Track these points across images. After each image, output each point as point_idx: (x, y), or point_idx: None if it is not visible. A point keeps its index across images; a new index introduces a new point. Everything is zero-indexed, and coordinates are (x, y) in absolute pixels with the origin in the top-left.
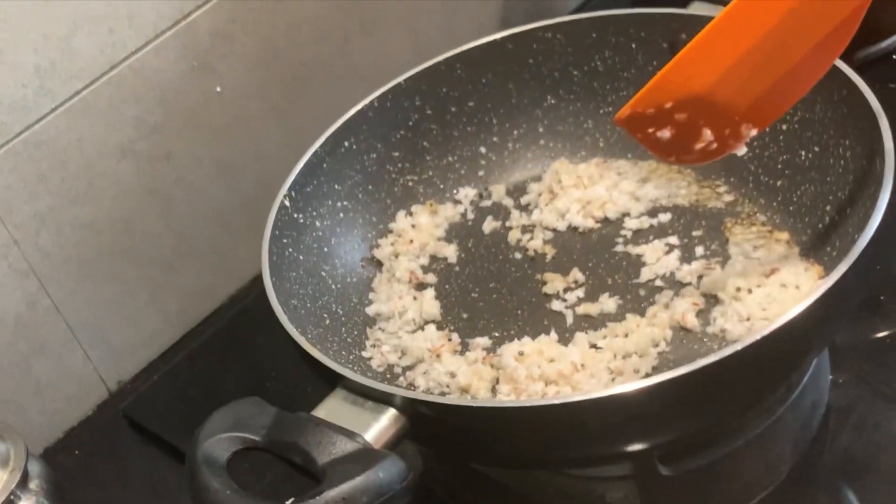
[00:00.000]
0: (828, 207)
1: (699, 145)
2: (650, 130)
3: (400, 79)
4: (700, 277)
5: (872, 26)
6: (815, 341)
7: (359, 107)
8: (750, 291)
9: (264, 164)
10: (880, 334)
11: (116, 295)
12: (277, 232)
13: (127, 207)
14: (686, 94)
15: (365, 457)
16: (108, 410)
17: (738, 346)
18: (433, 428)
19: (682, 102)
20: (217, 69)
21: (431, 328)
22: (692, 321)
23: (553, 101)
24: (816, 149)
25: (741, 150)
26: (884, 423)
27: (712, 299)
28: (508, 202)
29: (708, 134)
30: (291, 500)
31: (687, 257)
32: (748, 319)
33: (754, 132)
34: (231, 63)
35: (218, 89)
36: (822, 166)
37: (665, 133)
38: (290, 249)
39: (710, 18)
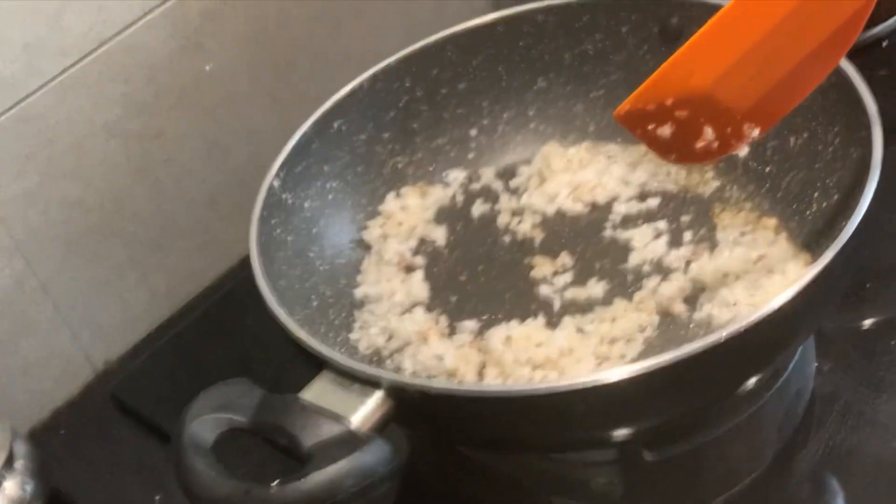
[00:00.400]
0: (816, 194)
1: (700, 144)
2: (650, 127)
3: (390, 60)
4: (688, 263)
5: None
6: (802, 328)
7: (349, 88)
8: (737, 277)
9: (254, 145)
10: (866, 322)
11: (104, 274)
12: (266, 213)
13: (115, 186)
14: (687, 90)
15: (350, 440)
16: (95, 391)
17: (724, 333)
18: (419, 412)
19: (682, 99)
20: (207, 48)
21: (419, 311)
22: (679, 307)
23: (543, 85)
24: (805, 135)
25: (743, 151)
26: (868, 411)
27: (700, 285)
28: (498, 185)
29: (709, 132)
30: (276, 482)
31: (675, 242)
32: (735, 305)
33: (757, 132)
34: (221, 42)
35: (207, 68)
36: (811, 153)
37: (665, 130)
38: (279, 230)
39: (700, 3)
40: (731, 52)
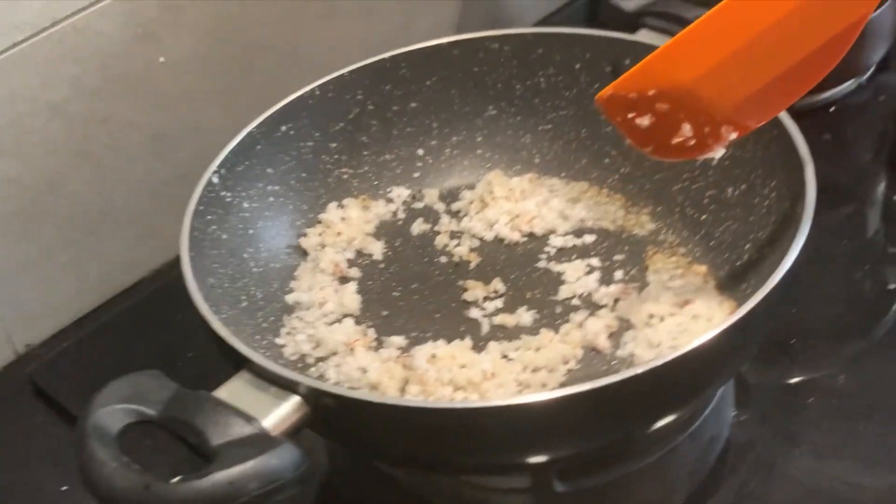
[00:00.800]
0: (747, 245)
1: (677, 140)
2: (630, 116)
3: (344, 70)
4: (616, 301)
5: None
6: (720, 372)
7: (300, 93)
8: (662, 319)
9: (201, 140)
10: (788, 379)
11: (34, 255)
12: (202, 208)
13: (54, 167)
14: (671, 83)
15: (260, 442)
16: (14, 373)
17: (642, 369)
18: (336, 420)
19: (665, 91)
20: (163, 39)
21: (349, 322)
22: (603, 342)
23: (494, 112)
24: (743, 186)
25: (718, 153)
26: (780, 464)
27: (625, 323)
28: (440, 206)
29: (687, 129)
30: (177, 478)
31: (606, 280)
32: (658, 346)
33: (734, 135)
34: (178, 34)
35: (162, 59)
36: (747, 204)
37: (644, 121)
38: (214, 227)
39: (654, 47)
40: (720, 50)
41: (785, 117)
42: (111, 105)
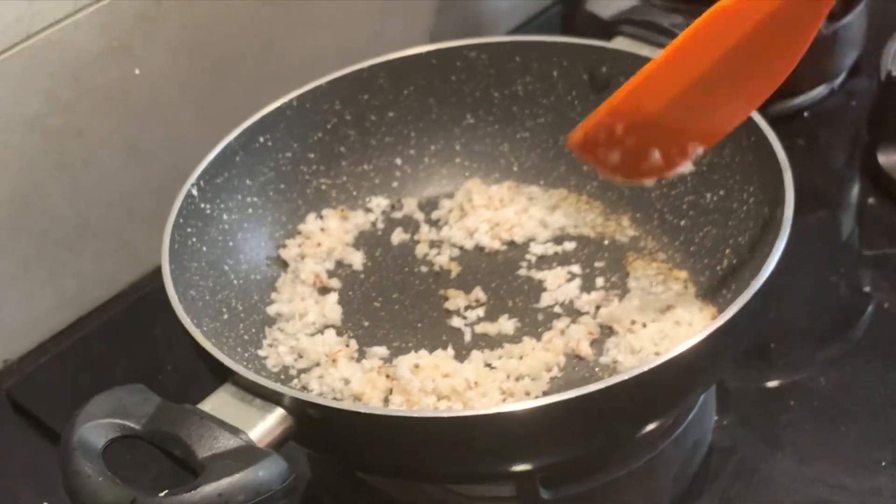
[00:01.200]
0: (727, 251)
1: (646, 164)
2: (599, 153)
3: (321, 81)
4: (598, 308)
5: (788, 82)
6: (702, 378)
7: (278, 104)
8: (644, 325)
9: (177, 153)
10: (768, 382)
11: (9, 270)
12: (182, 220)
13: (30, 182)
14: (637, 118)
15: (246, 454)
16: None
17: (625, 376)
18: (320, 432)
19: (633, 126)
20: (137, 52)
21: (331, 333)
22: (586, 349)
23: (472, 121)
24: (722, 192)
25: (688, 168)
26: (763, 468)
27: (607, 330)
28: (419, 216)
29: (656, 154)
30: (165, 492)
31: (587, 287)
32: (640, 352)
33: (701, 150)
34: (152, 47)
35: (136, 72)
36: (726, 210)
37: (615, 157)
38: (194, 239)
39: (630, 54)
40: (679, 82)
41: (762, 123)
42: (86, 118)
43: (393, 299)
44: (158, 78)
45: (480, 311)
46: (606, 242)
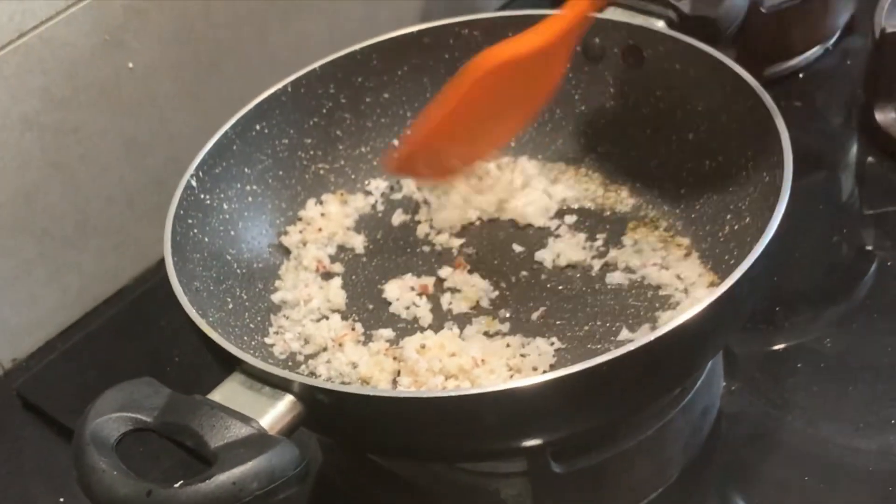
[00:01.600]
0: (728, 216)
1: (449, 168)
2: (411, 170)
3: (315, 65)
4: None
5: (781, 45)
6: (710, 345)
7: (272, 90)
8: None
9: (174, 145)
10: (774, 346)
11: (13, 270)
12: (182, 212)
13: (29, 180)
14: (432, 148)
15: (258, 442)
16: (2, 389)
17: (632, 346)
18: (330, 416)
19: (430, 153)
20: (130, 45)
21: (336, 318)
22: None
23: None
24: (720, 158)
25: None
26: (773, 431)
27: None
28: (419, 196)
29: (454, 161)
30: (180, 482)
31: (591, 256)
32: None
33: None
34: (144, 40)
35: (130, 66)
36: (725, 176)
37: (424, 170)
38: (195, 230)
39: (623, 24)
40: (459, 123)
41: (757, 87)
42: (82, 114)
43: None
44: (152, 71)
45: (489, 291)
46: (607, 213)
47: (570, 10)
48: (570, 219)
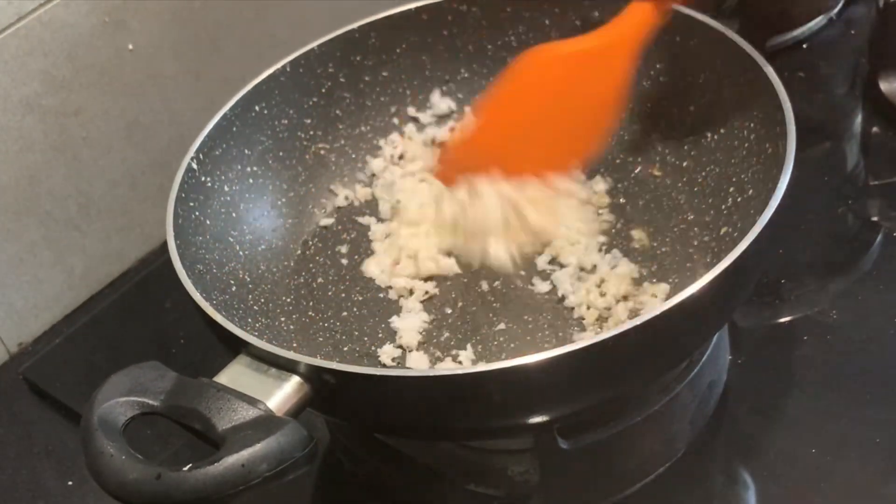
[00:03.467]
0: (731, 189)
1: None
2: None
3: (313, 44)
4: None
5: (784, 15)
6: (714, 318)
7: (271, 70)
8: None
9: (176, 125)
10: (781, 318)
11: (18, 254)
12: (184, 195)
13: (32, 164)
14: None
15: (266, 423)
16: (8, 373)
17: (638, 321)
18: (337, 396)
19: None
20: (130, 26)
21: None
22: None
23: (467, 75)
24: (722, 130)
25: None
26: (780, 405)
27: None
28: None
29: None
30: (189, 465)
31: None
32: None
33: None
34: (144, 20)
35: (130, 46)
36: (727, 148)
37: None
38: (197, 213)
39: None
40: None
41: (757, 57)
42: (83, 96)
43: None
44: (153, 51)
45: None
46: None
47: (632, 16)
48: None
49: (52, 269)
